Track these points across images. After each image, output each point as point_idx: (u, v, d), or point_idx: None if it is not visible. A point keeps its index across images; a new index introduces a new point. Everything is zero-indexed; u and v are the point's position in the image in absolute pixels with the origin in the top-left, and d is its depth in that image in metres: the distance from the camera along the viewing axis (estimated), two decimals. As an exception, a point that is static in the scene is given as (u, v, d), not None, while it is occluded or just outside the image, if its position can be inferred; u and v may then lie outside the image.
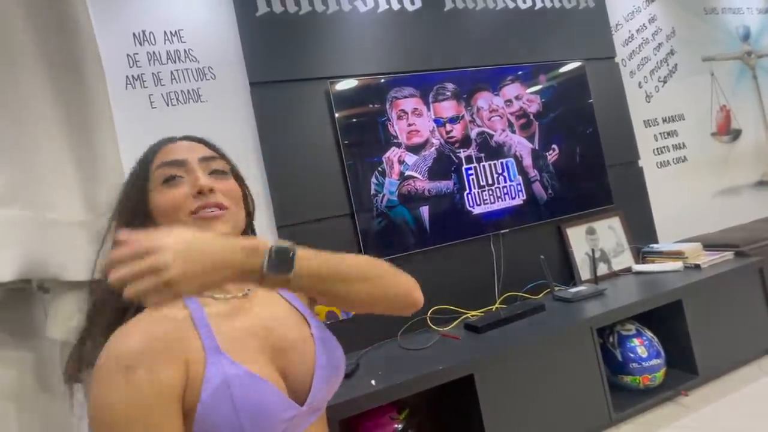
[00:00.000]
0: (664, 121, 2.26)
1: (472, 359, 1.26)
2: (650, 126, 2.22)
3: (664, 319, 1.59)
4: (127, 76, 1.40)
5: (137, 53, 1.42)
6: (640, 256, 1.95)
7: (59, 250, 0.66)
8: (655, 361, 1.48)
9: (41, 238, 0.63)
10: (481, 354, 1.29)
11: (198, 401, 0.45)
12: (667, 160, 2.24)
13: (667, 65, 2.29)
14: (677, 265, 1.76)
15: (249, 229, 0.64)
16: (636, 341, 1.50)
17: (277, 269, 0.45)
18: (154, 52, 1.44)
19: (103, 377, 0.42)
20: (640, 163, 2.11)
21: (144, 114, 1.41)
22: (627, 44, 2.20)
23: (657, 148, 2.22)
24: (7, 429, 0.61)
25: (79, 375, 0.73)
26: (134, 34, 1.43)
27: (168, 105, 1.44)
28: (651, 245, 1.97)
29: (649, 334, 1.54)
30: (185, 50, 1.48)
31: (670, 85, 2.29)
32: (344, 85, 1.58)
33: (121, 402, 0.41)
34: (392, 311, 0.60)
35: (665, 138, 2.25)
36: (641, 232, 2.03)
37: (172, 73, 1.45)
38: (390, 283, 0.58)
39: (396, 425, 1.29)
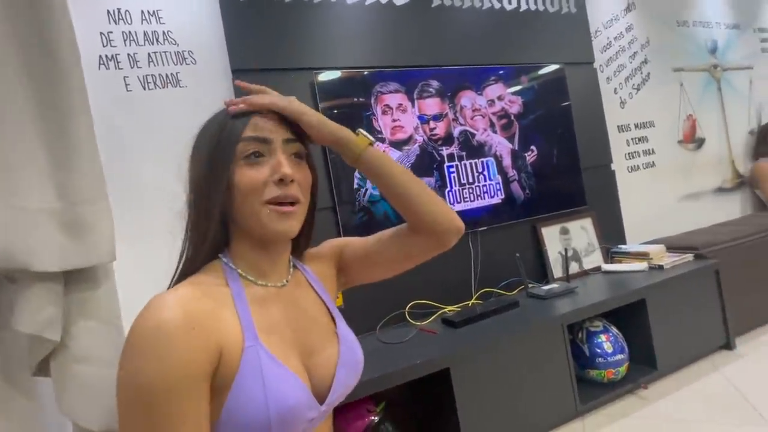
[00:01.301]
0: (636, 127, 2.35)
1: (449, 353, 1.29)
2: (623, 131, 2.31)
3: (629, 316, 1.68)
4: (100, 56, 1.33)
5: (111, 32, 1.35)
6: (609, 256, 2.04)
7: (27, 238, 0.62)
8: (619, 356, 1.56)
9: (8, 225, 0.60)
10: (458, 348, 1.32)
11: (231, 384, 0.45)
12: (638, 165, 2.34)
13: (641, 73, 2.39)
14: (642, 265, 1.85)
15: (311, 218, 0.63)
16: (603, 337, 1.58)
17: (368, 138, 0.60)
18: (129, 32, 1.37)
19: (135, 344, 0.43)
20: (613, 166, 2.19)
21: (119, 97, 1.34)
22: (605, 50, 2.27)
23: (628, 153, 2.32)
24: (-30, 425, 0.58)
25: (47, 369, 0.71)
26: (108, 12, 1.35)
27: (145, 89, 1.38)
28: (619, 246, 2.07)
29: (615, 330, 1.62)
30: (164, 32, 1.42)
31: (643, 93, 2.39)
32: (329, 76, 1.56)
33: (149, 373, 0.41)
34: (437, 230, 0.64)
35: (636, 143, 2.35)
36: (611, 233, 2.12)
37: (149, 55, 1.39)
38: (442, 201, 0.65)
39: (372, 417, 1.31)
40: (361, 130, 0.62)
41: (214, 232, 0.52)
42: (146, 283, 0.71)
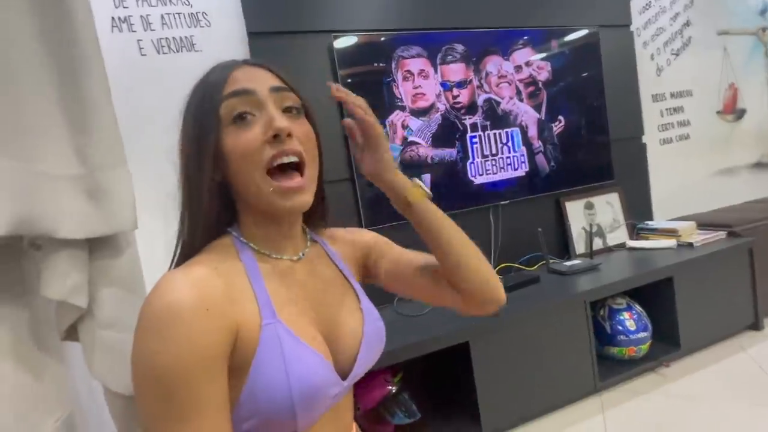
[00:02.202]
0: (672, 96, 2.21)
1: (468, 327, 1.28)
2: (658, 101, 2.17)
3: (654, 294, 1.63)
4: (113, 17, 1.29)
5: (123, -8, 1.30)
6: (635, 232, 1.97)
7: (50, 204, 0.61)
8: (642, 334, 1.52)
9: (31, 191, 0.59)
10: (477, 322, 1.30)
11: (250, 365, 0.43)
12: (671, 137, 2.21)
13: (682, 37, 2.21)
14: (671, 242, 1.78)
15: (321, 184, 0.57)
16: (626, 315, 1.54)
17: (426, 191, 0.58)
18: (142, -8, 1.32)
19: (148, 325, 0.40)
20: (644, 138, 2.08)
21: (133, 61, 1.31)
22: (644, 12, 2.10)
23: (662, 125, 2.19)
24: (7, 385, 0.59)
25: (76, 334, 0.71)
26: (119, -30, 1.29)
27: (159, 53, 1.33)
28: (646, 222, 1.99)
29: (638, 308, 1.58)
30: (177, -8, 1.35)
31: (682, 59, 2.22)
32: (348, 39, 1.48)
33: (165, 357, 0.39)
34: (475, 297, 0.58)
35: (671, 114, 2.21)
36: (637, 209, 2.03)
37: (162, 17, 1.34)
38: (487, 266, 0.59)
39: (389, 387, 1.33)
40: (417, 180, 0.58)
41: (209, 208, 0.48)
42: (166, 253, 0.70)
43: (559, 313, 1.42)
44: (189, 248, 0.50)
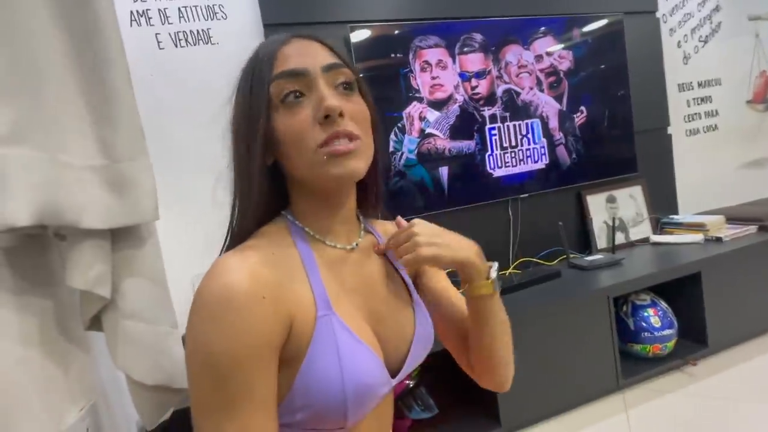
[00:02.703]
0: (700, 85, 2.12)
1: (488, 323, 1.26)
2: (684, 90, 2.09)
3: (680, 290, 1.57)
4: (131, 12, 1.29)
5: (141, -15, 1.30)
6: (659, 226, 1.91)
7: (75, 195, 0.61)
8: (667, 331, 1.48)
9: (55, 181, 0.59)
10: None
11: (304, 356, 0.42)
12: (698, 128, 2.13)
13: (710, 23, 2.12)
14: (697, 237, 1.72)
15: (378, 160, 0.53)
16: (650, 311, 1.50)
17: (497, 284, 0.53)
18: (159, -15, 1.32)
19: (201, 311, 0.39)
20: (669, 129, 2.01)
21: (151, 54, 1.31)
22: (670, -3, 2.02)
23: (688, 115, 2.11)
24: (33, 375, 0.60)
25: (99, 324, 0.72)
26: (137, -37, 1.30)
27: (177, 46, 1.34)
28: (671, 216, 1.92)
29: (663, 304, 1.53)
30: (193, -16, 1.35)
31: (711, 46, 2.13)
32: (365, 29, 1.46)
33: (218, 342, 0.38)
34: (486, 381, 0.60)
35: (698, 104, 2.12)
36: (662, 202, 1.97)
37: (179, 10, 1.34)
38: (511, 361, 0.60)
39: (407, 382, 1.31)
40: (493, 270, 0.54)
41: (262, 190, 0.46)
42: (184, 244, 0.70)
43: (581, 308, 1.39)
44: (241, 231, 0.48)
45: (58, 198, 0.58)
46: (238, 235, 0.48)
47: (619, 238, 1.83)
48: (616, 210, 1.86)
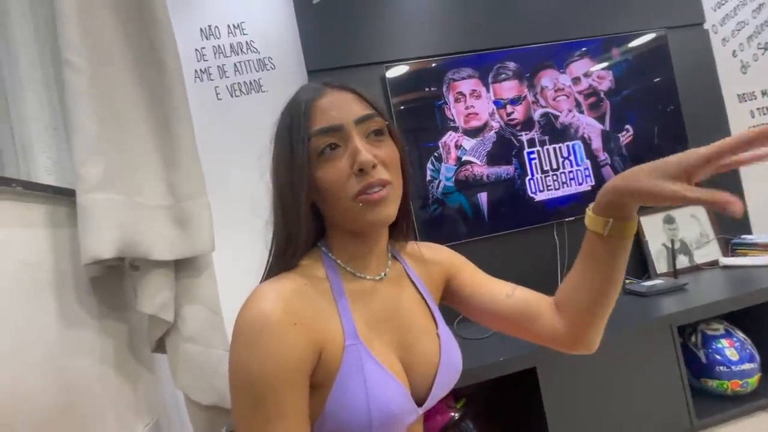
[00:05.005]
0: (764, 94, 1.96)
1: (535, 351, 1.20)
2: (745, 101, 1.94)
3: (758, 319, 1.41)
4: (195, 70, 1.48)
5: (204, 47, 1.50)
6: (730, 248, 1.74)
7: (147, 230, 0.71)
8: (747, 366, 1.31)
9: (132, 219, 0.69)
10: (545, 347, 1.22)
11: (333, 382, 0.45)
12: (766, 140, 1.95)
13: (769, 29, 1.98)
14: (777, 259, 1.54)
15: (406, 199, 0.55)
16: (724, 342, 1.35)
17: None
18: (219, 46, 1.51)
19: (240, 336, 0.44)
20: (732, 143, 1.86)
21: (211, 106, 1.48)
22: (719, 8, 1.93)
23: (754, 126, 1.94)
24: (109, 390, 0.68)
25: (164, 347, 0.80)
26: (201, 29, 1.50)
27: (232, 96, 1.50)
28: (743, 236, 1.75)
29: (740, 335, 1.37)
30: (247, 42, 1.53)
31: (773, 53, 1.98)
32: (400, 69, 1.55)
33: (253, 366, 0.42)
34: (581, 340, 0.57)
35: (764, 114, 1.96)
36: (731, 222, 1.80)
37: (235, 65, 1.51)
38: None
39: (452, 414, 1.28)
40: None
41: (307, 225, 0.50)
42: (238, 274, 0.76)
43: (640, 338, 1.28)
44: (281, 263, 0.51)
45: (134, 234, 0.67)
46: (276, 266, 0.52)
47: (683, 261, 1.69)
48: (676, 231, 1.73)
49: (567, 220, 1.63)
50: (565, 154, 1.64)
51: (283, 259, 0.51)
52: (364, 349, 0.47)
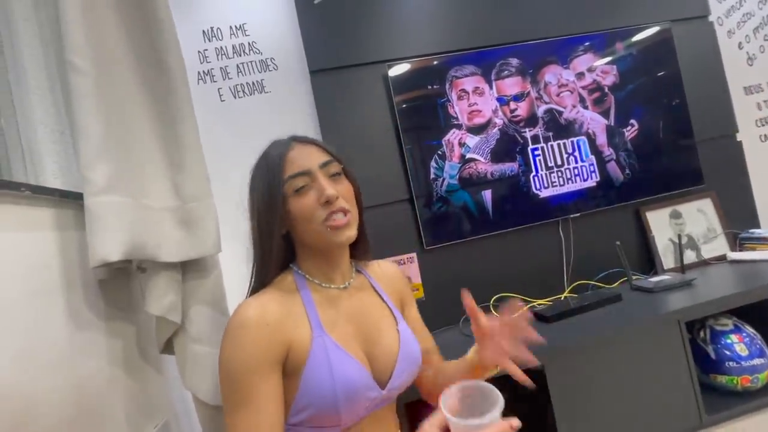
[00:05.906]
0: (771, 86, 1.94)
1: (542, 350, 1.20)
2: (752, 93, 1.92)
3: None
4: (198, 72, 1.49)
5: (207, 49, 1.50)
6: (738, 242, 1.72)
7: (154, 233, 0.71)
8: (757, 361, 1.30)
9: (139, 222, 0.69)
10: (552, 345, 1.22)
11: (303, 368, 0.58)
12: (774, 132, 1.93)
13: (776, 20, 1.96)
14: (786, 252, 1.52)
15: (362, 223, 0.72)
16: (734, 338, 1.33)
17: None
18: (221, 47, 1.51)
19: (226, 336, 0.58)
20: (739, 136, 1.84)
21: (214, 107, 1.49)
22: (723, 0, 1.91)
23: (760, 119, 1.92)
24: (119, 391, 0.68)
25: (172, 348, 0.80)
26: (203, 31, 1.50)
27: (235, 97, 1.51)
28: (751, 230, 1.73)
29: (750, 330, 1.36)
30: (249, 43, 1.53)
31: (780, 44, 1.95)
32: (402, 67, 1.54)
33: (234, 358, 0.55)
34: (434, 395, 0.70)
35: (771, 106, 1.94)
36: (739, 216, 1.78)
37: (238, 66, 1.52)
38: None
39: (460, 412, 1.27)
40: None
41: (277, 251, 0.65)
42: (241, 275, 0.77)
43: (648, 334, 1.27)
44: (260, 278, 0.67)
45: (141, 236, 0.68)
46: (259, 285, 0.66)
47: (690, 256, 1.68)
48: (683, 226, 1.72)
49: (572, 216, 1.62)
50: (570, 150, 1.63)
51: (260, 275, 0.66)
52: (329, 338, 0.60)
